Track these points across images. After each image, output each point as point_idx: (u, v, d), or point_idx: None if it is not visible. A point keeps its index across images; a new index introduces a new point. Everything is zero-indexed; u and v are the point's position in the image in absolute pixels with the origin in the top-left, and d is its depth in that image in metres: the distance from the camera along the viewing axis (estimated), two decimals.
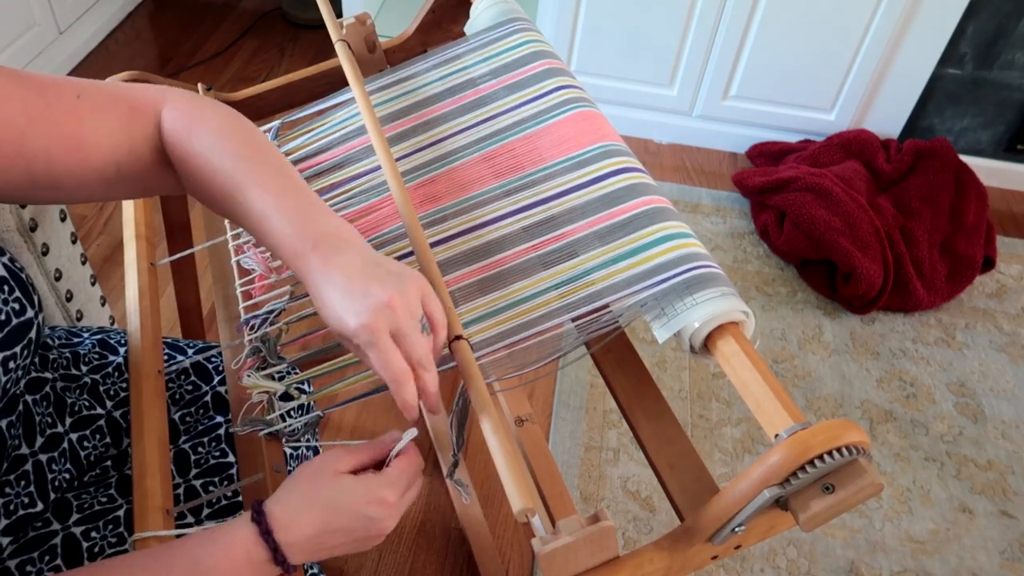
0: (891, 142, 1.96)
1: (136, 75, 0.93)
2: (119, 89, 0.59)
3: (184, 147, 0.58)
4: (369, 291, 0.52)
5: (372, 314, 0.51)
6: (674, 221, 0.72)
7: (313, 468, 0.56)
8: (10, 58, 1.97)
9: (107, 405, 0.75)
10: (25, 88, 0.54)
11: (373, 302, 0.51)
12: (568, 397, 1.51)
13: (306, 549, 0.54)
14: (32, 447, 0.67)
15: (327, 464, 0.56)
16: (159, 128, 0.59)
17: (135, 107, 0.59)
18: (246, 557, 0.53)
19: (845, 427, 0.54)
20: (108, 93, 0.58)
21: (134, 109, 0.59)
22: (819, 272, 1.75)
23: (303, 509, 0.54)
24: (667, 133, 2.14)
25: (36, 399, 0.68)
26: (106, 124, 0.57)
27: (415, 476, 0.58)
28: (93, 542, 0.67)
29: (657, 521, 1.33)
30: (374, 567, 1.24)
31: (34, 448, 0.67)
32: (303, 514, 0.54)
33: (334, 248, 0.54)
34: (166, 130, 0.59)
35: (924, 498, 1.40)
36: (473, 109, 0.86)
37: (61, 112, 0.55)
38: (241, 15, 2.53)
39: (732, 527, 0.58)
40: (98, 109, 0.57)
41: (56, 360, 0.73)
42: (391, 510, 0.56)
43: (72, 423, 0.72)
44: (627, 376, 0.75)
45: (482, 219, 0.76)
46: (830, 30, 1.85)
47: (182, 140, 0.58)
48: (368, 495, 0.55)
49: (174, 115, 0.59)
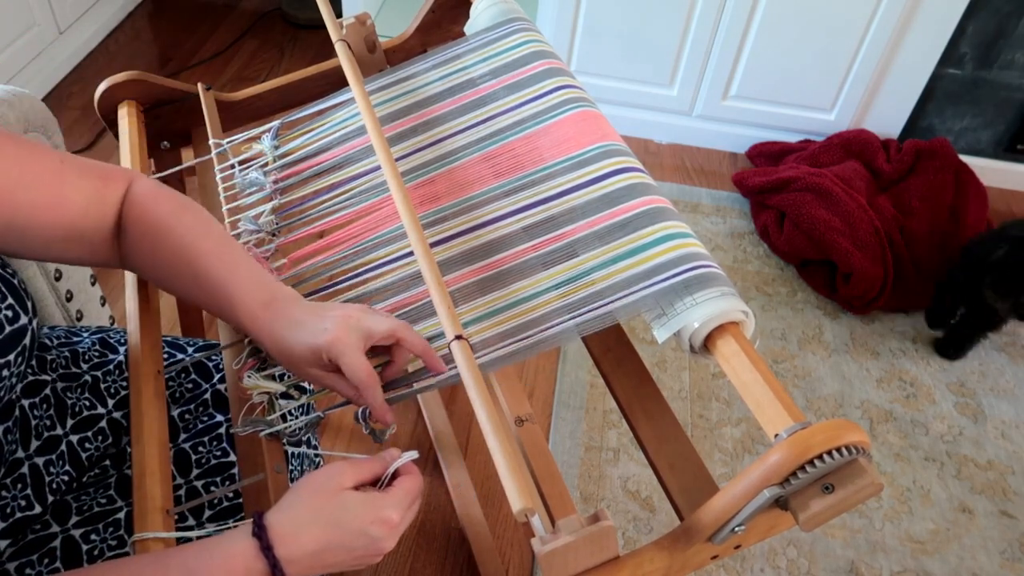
0: (891, 142, 1.96)
1: (136, 75, 0.93)
2: (95, 162, 0.66)
3: (151, 211, 0.65)
4: (326, 315, 0.61)
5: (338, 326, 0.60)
6: (674, 221, 0.72)
7: (316, 482, 0.56)
8: (10, 58, 1.97)
9: (108, 404, 0.75)
10: (18, 147, 0.59)
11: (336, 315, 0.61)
12: (568, 397, 1.51)
13: (305, 565, 0.54)
14: (28, 450, 0.67)
15: (331, 479, 0.56)
16: (126, 195, 0.66)
17: (109, 174, 0.65)
18: (244, 571, 0.53)
19: (845, 427, 0.54)
20: (86, 162, 0.65)
21: (108, 176, 0.65)
22: (819, 272, 1.75)
23: (305, 525, 0.54)
24: (667, 133, 2.14)
25: (35, 402, 0.68)
26: (83, 188, 0.63)
27: (416, 496, 0.59)
28: (93, 544, 0.67)
29: (657, 521, 1.33)
30: (374, 567, 1.24)
31: (29, 451, 0.67)
32: (305, 530, 0.54)
33: (284, 302, 0.63)
34: (136, 194, 0.66)
35: (924, 498, 1.40)
36: (473, 109, 0.86)
37: (49, 172, 0.61)
38: (241, 15, 2.53)
39: (732, 527, 0.58)
40: (78, 173, 0.63)
41: (55, 360, 0.73)
42: (393, 530, 0.56)
43: (73, 425, 0.72)
44: (627, 376, 0.75)
45: (482, 219, 0.76)
46: (830, 30, 1.85)
47: (149, 204, 0.65)
48: (372, 514, 0.55)
49: (144, 185, 0.67)
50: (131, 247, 0.66)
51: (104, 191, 0.64)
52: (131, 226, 0.65)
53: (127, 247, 0.66)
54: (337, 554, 0.55)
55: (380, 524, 0.55)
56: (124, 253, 0.67)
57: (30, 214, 0.59)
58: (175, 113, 0.97)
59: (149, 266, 0.66)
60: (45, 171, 0.60)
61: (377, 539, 0.55)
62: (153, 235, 0.64)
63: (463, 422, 1.45)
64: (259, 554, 0.53)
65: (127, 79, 0.92)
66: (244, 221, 0.81)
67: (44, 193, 0.60)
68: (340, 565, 0.56)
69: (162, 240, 0.64)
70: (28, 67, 2.05)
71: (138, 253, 0.66)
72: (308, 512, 0.55)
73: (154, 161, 0.98)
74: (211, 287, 0.63)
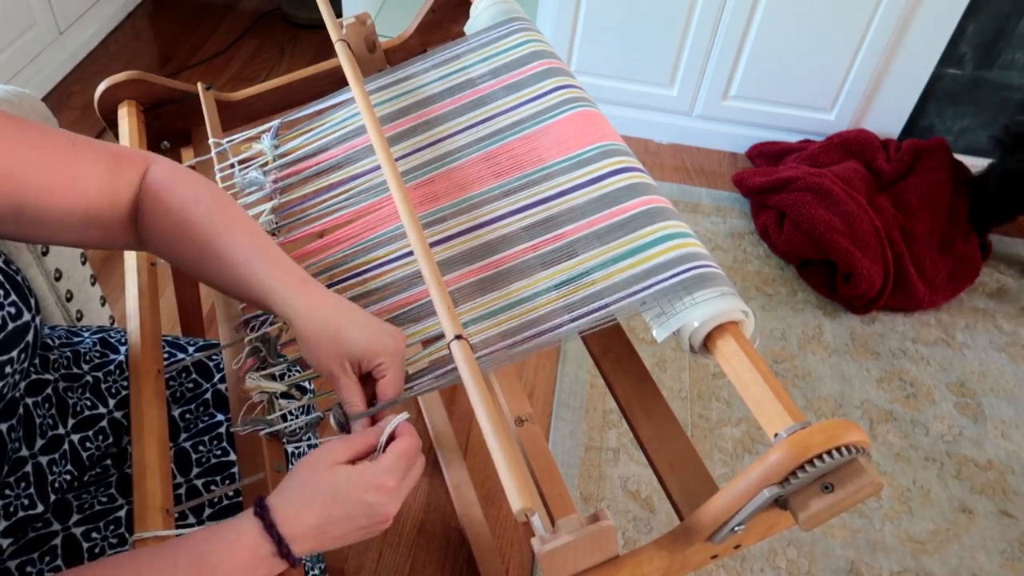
0: (891, 142, 1.96)
1: (136, 75, 0.93)
2: (109, 143, 0.65)
3: (169, 194, 0.63)
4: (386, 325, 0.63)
5: (399, 343, 0.62)
6: (673, 221, 0.72)
7: (311, 462, 0.57)
8: (10, 58, 1.97)
9: (109, 404, 0.75)
10: (28, 130, 0.58)
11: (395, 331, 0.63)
12: (568, 397, 1.51)
13: (310, 540, 0.55)
14: (32, 449, 0.67)
15: (324, 456, 0.57)
16: (142, 179, 0.65)
17: (124, 157, 0.64)
18: (251, 551, 0.53)
19: (844, 426, 0.54)
20: (99, 144, 0.63)
21: (122, 158, 0.64)
22: (819, 272, 1.75)
23: (304, 502, 0.55)
24: (667, 133, 2.14)
25: (37, 401, 0.68)
26: (97, 169, 0.62)
27: (414, 457, 0.59)
28: (94, 543, 0.67)
29: (657, 521, 1.33)
30: (374, 567, 1.24)
31: (34, 450, 0.67)
32: (304, 506, 0.55)
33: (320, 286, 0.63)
34: (153, 179, 0.64)
35: (924, 498, 1.40)
36: (473, 109, 0.86)
37: (59, 153, 0.60)
38: (241, 15, 2.53)
39: (732, 526, 0.58)
40: (91, 154, 0.62)
41: (57, 360, 0.73)
42: (391, 495, 0.56)
43: (74, 424, 0.72)
44: (627, 376, 0.75)
45: (482, 219, 0.76)
46: (830, 30, 1.85)
47: (167, 188, 0.64)
48: (366, 483, 0.55)
49: (163, 167, 0.65)
50: (150, 231, 0.65)
51: (117, 175, 0.63)
52: (149, 210, 0.64)
53: (146, 231, 0.65)
54: (341, 526, 0.55)
55: (376, 491, 0.55)
56: (144, 237, 0.65)
57: (43, 196, 0.59)
58: (175, 113, 0.97)
59: (170, 250, 0.65)
60: (57, 152, 0.59)
61: (376, 505, 0.55)
62: (171, 216, 0.63)
63: (463, 422, 1.45)
64: (263, 533, 0.54)
65: (127, 79, 0.92)
66: None
67: (57, 175, 0.59)
68: (347, 536, 0.57)
69: (181, 221, 0.63)
70: (28, 67, 2.05)
71: (159, 238, 0.65)
72: (305, 490, 0.55)
73: None
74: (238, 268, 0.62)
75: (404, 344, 0.63)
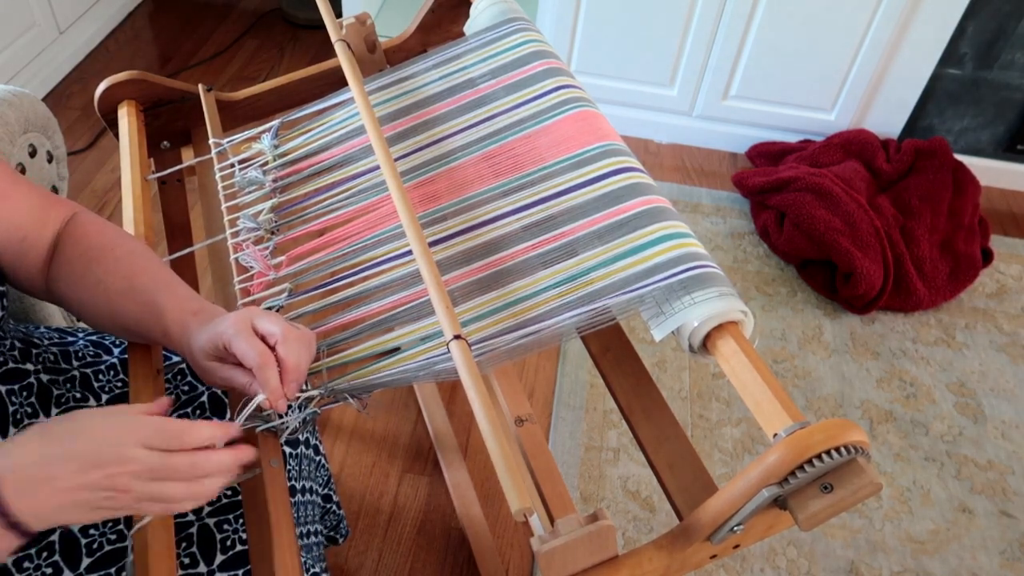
0: (891, 142, 1.96)
1: (136, 75, 0.93)
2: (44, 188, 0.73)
3: (93, 232, 0.70)
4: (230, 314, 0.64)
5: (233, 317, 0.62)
6: (673, 221, 0.72)
7: None
8: (10, 58, 1.97)
9: (102, 399, 0.74)
10: None
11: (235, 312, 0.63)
12: (568, 397, 1.51)
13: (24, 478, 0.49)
14: (5, 436, 0.66)
15: None
16: (68, 220, 0.71)
17: (55, 199, 0.71)
18: None
19: (844, 426, 0.54)
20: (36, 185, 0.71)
21: (54, 200, 0.71)
22: (819, 272, 1.75)
23: (24, 440, 0.51)
24: (667, 133, 2.14)
25: (13, 389, 0.68)
26: (32, 197, 0.69)
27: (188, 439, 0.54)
28: (92, 539, 0.67)
29: (657, 521, 1.33)
30: (374, 567, 1.24)
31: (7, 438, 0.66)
32: (19, 444, 0.50)
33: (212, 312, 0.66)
34: (79, 221, 0.71)
35: (924, 498, 1.40)
36: (473, 109, 0.86)
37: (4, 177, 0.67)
38: (241, 15, 2.53)
39: (731, 526, 0.58)
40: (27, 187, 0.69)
41: (41, 355, 0.73)
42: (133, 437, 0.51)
43: (58, 414, 0.71)
44: (627, 376, 0.75)
45: (481, 218, 0.76)
46: (830, 30, 1.85)
47: (92, 227, 0.70)
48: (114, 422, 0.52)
49: (90, 215, 0.72)
50: (63, 267, 0.68)
51: (47, 209, 0.69)
52: (70, 245, 0.69)
53: (58, 268, 0.69)
54: (65, 466, 0.49)
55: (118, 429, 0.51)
56: (53, 276, 0.69)
57: None
58: (175, 113, 0.97)
59: (79, 285, 0.68)
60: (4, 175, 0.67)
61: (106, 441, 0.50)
62: (91, 252, 0.68)
63: (463, 422, 1.45)
64: None
65: (127, 79, 0.92)
66: (243, 219, 0.81)
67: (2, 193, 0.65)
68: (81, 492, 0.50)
69: (100, 256, 0.68)
70: (28, 67, 2.05)
71: (70, 273, 0.68)
72: (34, 431, 0.51)
73: (154, 161, 0.98)
74: (144, 298, 0.66)
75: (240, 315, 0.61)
